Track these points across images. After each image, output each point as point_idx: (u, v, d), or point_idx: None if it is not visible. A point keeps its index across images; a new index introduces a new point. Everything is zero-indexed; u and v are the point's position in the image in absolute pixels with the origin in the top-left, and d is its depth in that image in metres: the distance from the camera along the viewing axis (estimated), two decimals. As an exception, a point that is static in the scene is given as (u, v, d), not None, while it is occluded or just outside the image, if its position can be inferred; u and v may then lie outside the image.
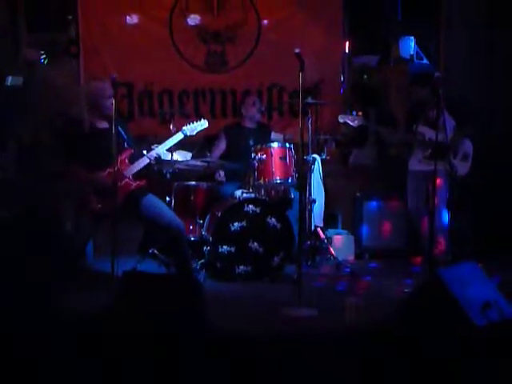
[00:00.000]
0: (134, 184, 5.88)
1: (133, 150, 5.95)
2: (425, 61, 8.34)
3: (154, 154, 5.94)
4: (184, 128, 6.17)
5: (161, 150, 6.00)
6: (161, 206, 6.00)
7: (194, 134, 6.26)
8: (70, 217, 6.02)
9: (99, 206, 5.74)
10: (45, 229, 6.41)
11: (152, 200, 5.96)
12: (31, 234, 6.24)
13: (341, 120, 6.64)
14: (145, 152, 5.98)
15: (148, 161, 5.93)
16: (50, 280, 5.36)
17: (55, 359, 3.95)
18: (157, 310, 3.96)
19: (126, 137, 5.95)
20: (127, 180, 5.86)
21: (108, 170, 5.65)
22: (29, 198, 7.04)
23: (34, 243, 6.09)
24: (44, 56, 8.11)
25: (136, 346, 3.80)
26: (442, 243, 6.45)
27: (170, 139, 6.07)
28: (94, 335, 3.97)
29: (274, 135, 7.42)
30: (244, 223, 6.30)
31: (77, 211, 5.88)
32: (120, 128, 5.94)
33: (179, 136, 6.12)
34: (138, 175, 5.94)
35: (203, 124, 6.31)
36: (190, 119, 7.66)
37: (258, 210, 6.34)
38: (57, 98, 7.95)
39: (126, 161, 5.90)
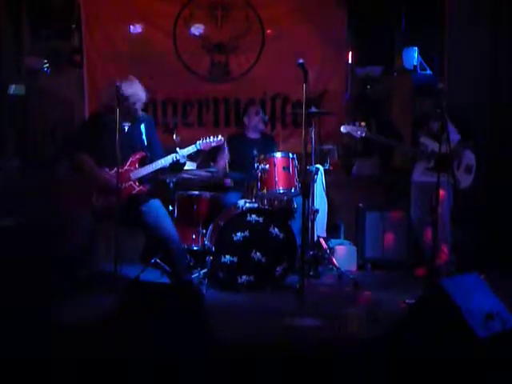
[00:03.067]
0: (137, 189, 5.90)
1: (144, 154, 5.95)
2: (428, 71, 8.35)
3: (165, 162, 5.94)
4: (198, 142, 6.12)
5: (171, 159, 5.98)
6: (161, 216, 6.01)
7: (207, 148, 6.23)
8: (72, 211, 6.05)
9: (100, 203, 5.80)
10: (49, 235, 6.44)
11: (154, 207, 5.98)
12: (35, 240, 6.28)
13: (344, 130, 6.64)
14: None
15: (156, 168, 5.93)
16: (53, 286, 5.38)
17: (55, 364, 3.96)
18: (159, 319, 3.95)
19: (146, 139, 5.97)
20: (131, 183, 5.89)
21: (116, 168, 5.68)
22: (32, 205, 7.06)
23: (38, 250, 6.12)
24: (47, 65, 8.13)
25: (137, 355, 3.79)
26: (444, 254, 6.45)
27: (183, 150, 6.04)
28: (95, 342, 3.97)
29: None
30: (247, 233, 6.29)
31: (78, 204, 5.91)
32: (144, 128, 5.97)
33: (193, 148, 6.09)
34: (143, 180, 5.95)
35: (219, 140, 6.24)
36: (194, 129, 7.74)
37: (260, 219, 6.33)
38: (59, 107, 7.98)
39: (136, 163, 5.92)
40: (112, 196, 5.63)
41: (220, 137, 6.20)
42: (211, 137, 6.15)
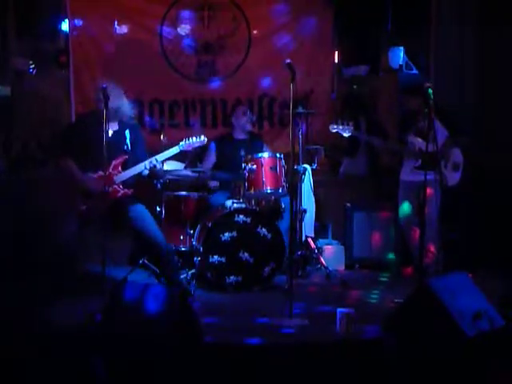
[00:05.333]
0: (122, 192, 5.88)
1: (127, 157, 5.92)
2: (414, 71, 8.37)
3: (148, 164, 5.91)
4: (181, 143, 6.09)
5: (155, 161, 5.95)
6: (147, 220, 5.98)
7: (190, 149, 6.21)
8: (58, 215, 6.03)
9: (84, 207, 5.78)
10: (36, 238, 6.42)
11: (139, 211, 5.95)
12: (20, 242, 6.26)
13: (332, 130, 6.63)
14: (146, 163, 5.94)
15: (140, 170, 5.91)
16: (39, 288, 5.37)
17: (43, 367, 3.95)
18: (147, 319, 3.95)
19: (129, 143, 5.95)
20: (115, 187, 5.86)
21: (100, 172, 5.66)
22: (19, 207, 7.02)
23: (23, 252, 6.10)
24: (32, 66, 8.09)
25: (127, 355, 3.78)
26: (432, 253, 6.45)
27: (166, 152, 6.01)
28: (84, 344, 3.96)
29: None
30: (234, 233, 6.29)
31: (63, 208, 5.89)
32: (128, 132, 5.95)
33: (175, 150, 6.06)
34: (127, 184, 5.93)
35: (202, 141, 6.23)
36: (181, 130, 7.73)
37: (248, 220, 6.33)
38: (45, 108, 7.94)
39: (119, 167, 5.90)
40: (97, 201, 5.61)
41: (203, 137, 6.19)
42: (194, 137, 6.14)
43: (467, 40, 7.63)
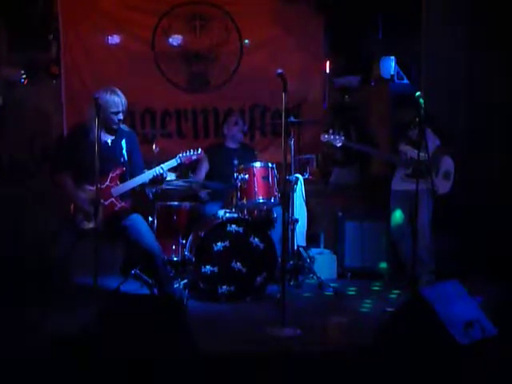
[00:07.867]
0: (119, 205, 5.81)
1: (124, 169, 5.86)
2: (405, 81, 8.40)
3: (147, 176, 5.88)
4: (179, 155, 6.06)
5: (153, 173, 5.92)
6: (142, 229, 5.94)
7: (188, 162, 6.17)
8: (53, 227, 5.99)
9: (84, 221, 5.71)
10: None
11: (135, 223, 5.90)
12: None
13: (323, 140, 6.64)
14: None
15: (138, 183, 5.87)
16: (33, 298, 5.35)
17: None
18: (139, 330, 3.93)
19: (126, 154, 5.91)
20: (113, 200, 5.81)
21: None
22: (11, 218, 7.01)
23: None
24: (24, 76, 8.08)
25: (118, 367, 3.77)
26: (424, 262, 6.46)
27: (164, 164, 5.96)
28: (76, 356, 3.95)
29: None
30: (227, 243, 6.29)
31: (60, 222, 5.85)
32: (125, 143, 5.91)
33: (173, 162, 6.01)
34: (122, 195, 5.89)
35: (199, 153, 6.20)
36: (173, 140, 7.72)
37: (240, 229, 6.33)
38: (36, 119, 7.93)
39: (117, 179, 5.84)
40: (93, 214, 5.54)
41: (200, 150, 6.16)
42: (191, 150, 6.11)
43: (458, 49, 7.66)
